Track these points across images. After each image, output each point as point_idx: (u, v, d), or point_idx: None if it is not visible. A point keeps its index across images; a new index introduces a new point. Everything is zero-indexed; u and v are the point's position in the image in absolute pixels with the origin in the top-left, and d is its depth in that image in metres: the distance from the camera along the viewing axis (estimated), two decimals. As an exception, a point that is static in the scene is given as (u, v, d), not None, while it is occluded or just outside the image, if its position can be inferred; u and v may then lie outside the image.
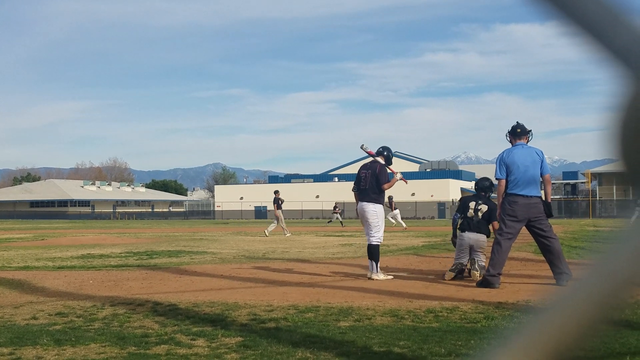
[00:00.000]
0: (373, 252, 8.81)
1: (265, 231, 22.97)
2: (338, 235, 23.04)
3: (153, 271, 10.20)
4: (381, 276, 8.69)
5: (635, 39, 0.47)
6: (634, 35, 0.47)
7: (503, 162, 7.88)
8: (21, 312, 6.23)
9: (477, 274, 8.52)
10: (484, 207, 9.03)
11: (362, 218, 8.97)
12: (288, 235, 22.99)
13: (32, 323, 5.65)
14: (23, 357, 4.36)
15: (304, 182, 77.19)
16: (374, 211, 8.84)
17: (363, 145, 9.35)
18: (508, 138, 8.10)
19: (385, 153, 9.21)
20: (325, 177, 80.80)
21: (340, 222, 39.63)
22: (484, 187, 9.40)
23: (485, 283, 7.69)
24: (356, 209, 9.06)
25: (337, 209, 40.44)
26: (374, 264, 8.78)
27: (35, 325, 5.52)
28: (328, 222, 41.11)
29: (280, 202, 23.96)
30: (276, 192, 24.32)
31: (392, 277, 8.82)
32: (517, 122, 8.12)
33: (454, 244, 9.32)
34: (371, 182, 8.81)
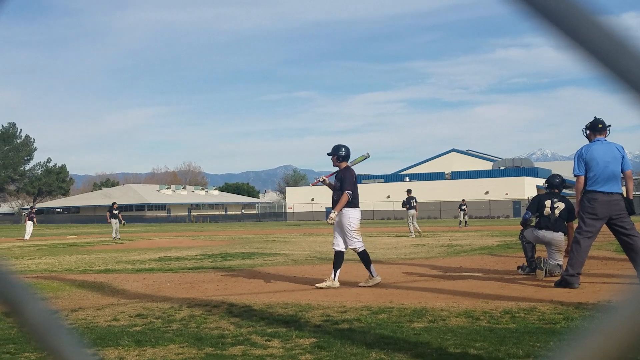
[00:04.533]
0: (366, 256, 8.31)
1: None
2: (410, 236, 22.85)
3: (228, 273, 10.37)
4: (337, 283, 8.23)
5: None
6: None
7: (582, 159, 7.61)
8: (103, 314, 6.45)
9: (541, 273, 8.49)
10: (561, 205, 8.81)
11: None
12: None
13: (113, 324, 5.84)
14: (106, 358, 4.51)
15: (374, 182, 76.98)
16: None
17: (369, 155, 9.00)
18: (585, 133, 7.81)
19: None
20: (396, 177, 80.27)
21: (463, 221, 35.36)
22: (554, 184, 9.15)
23: (564, 283, 7.48)
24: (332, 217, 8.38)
25: (464, 207, 35.58)
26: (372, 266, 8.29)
27: (117, 327, 5.70)
28: (464, 224, 35.18)
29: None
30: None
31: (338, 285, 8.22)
32: (595, 117, 7.83)
33: (522, 240, 9.25)
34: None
